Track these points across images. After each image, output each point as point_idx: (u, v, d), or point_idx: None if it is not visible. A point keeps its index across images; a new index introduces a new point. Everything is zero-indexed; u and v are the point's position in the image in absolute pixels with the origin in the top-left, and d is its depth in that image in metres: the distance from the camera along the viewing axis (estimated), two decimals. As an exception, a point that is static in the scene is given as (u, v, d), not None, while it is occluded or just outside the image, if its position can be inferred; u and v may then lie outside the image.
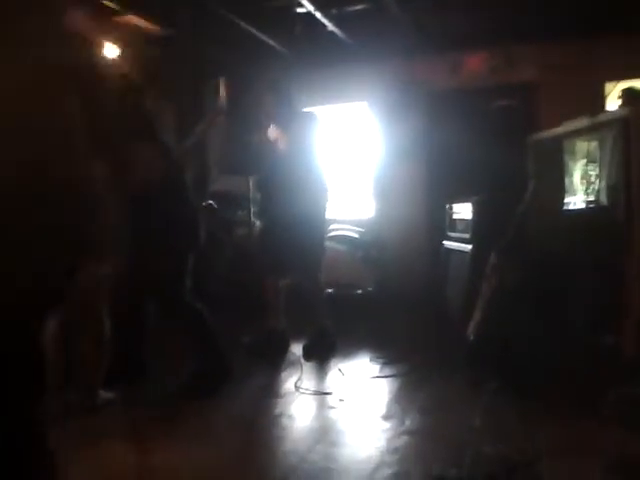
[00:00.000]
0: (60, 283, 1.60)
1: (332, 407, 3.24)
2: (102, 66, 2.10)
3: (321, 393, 3.46)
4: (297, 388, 3.55)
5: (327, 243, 5.74)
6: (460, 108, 6.01)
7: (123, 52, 4.52)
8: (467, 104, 5.99)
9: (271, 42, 5.72)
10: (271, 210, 4.17)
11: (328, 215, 4.32)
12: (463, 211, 4.46)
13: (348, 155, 6.62)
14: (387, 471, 2.44)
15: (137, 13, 4.83)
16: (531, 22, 5.15)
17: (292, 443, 2.82)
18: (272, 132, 4.05)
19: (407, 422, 2.96)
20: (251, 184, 5.05)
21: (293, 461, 2.56)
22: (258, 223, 5.17)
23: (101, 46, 4.20)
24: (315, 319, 4.25)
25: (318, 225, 4.19)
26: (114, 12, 4.72)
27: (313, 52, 5.98)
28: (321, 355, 4.12)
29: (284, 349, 4.28)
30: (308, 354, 4.13)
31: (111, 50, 4.74)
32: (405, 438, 2.77)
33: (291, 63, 5.93)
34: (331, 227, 6.07)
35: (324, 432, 2.89)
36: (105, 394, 3.15)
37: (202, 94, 5.94)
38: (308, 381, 3.68)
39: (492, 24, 5.20)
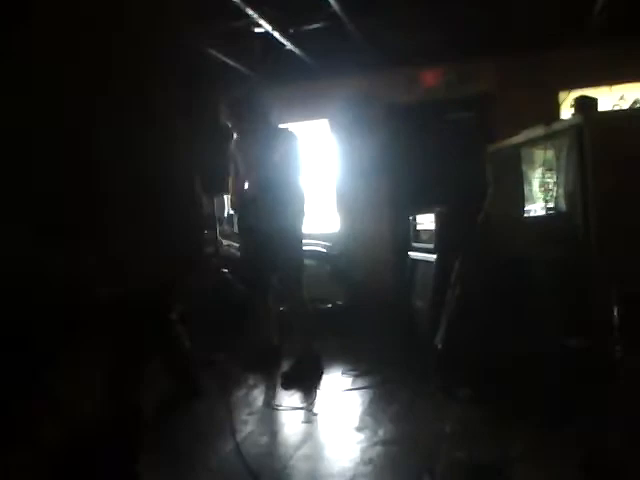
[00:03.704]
0: None
1: (306, 421, 3.24)
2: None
3: (294, 408, 3.46)
4: (270, 404, 3.55)
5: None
6: (419, 121, 6.12)
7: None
8: (426, 117, 6.11)
9: (231, 62, 5.75)
10: (254, 226, 4.02)
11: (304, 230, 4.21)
12: (426, 222, 4.53)
13: (312, 171, 6.66)
14: (362, 482, 2.45)
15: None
16: (484, 36, 5.29)
17: (266, 459, 2.80)
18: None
19: (380, 432, 2.99)
20: (216, 202, 5.02)
21: (268, 477, 2.56)
22: (227, 242, 5.15)
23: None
24: (299, 341, 4.14)
25: (299, 241, 4.11)
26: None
27: (273, 71, 6.02)
28: (301, 382, 3.88)
29: (276, 364, 4.21)
30: (286, 382, 3.90)
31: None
32: (379, 448, 2.79)
33: (254, 82, 5.97)
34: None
35: (298, 447, 2.89)
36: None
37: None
38: (281, 397, 3.68)
39: (445, 39, 5.33)
